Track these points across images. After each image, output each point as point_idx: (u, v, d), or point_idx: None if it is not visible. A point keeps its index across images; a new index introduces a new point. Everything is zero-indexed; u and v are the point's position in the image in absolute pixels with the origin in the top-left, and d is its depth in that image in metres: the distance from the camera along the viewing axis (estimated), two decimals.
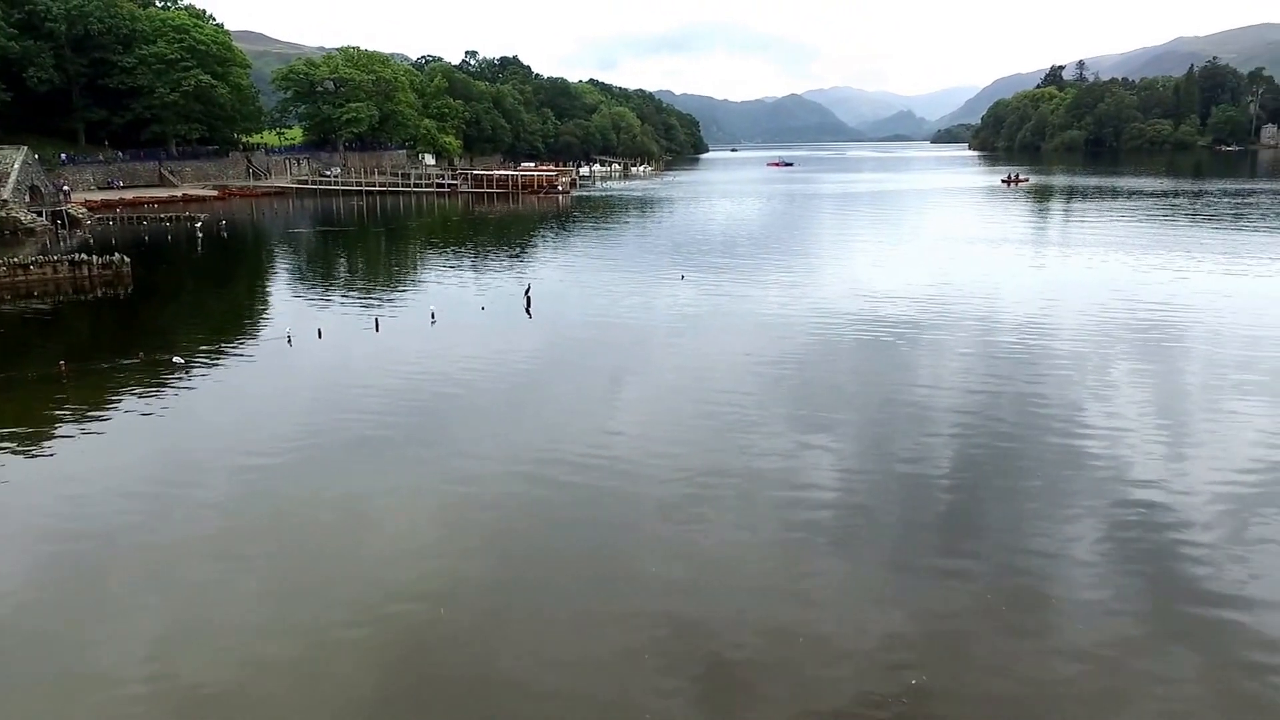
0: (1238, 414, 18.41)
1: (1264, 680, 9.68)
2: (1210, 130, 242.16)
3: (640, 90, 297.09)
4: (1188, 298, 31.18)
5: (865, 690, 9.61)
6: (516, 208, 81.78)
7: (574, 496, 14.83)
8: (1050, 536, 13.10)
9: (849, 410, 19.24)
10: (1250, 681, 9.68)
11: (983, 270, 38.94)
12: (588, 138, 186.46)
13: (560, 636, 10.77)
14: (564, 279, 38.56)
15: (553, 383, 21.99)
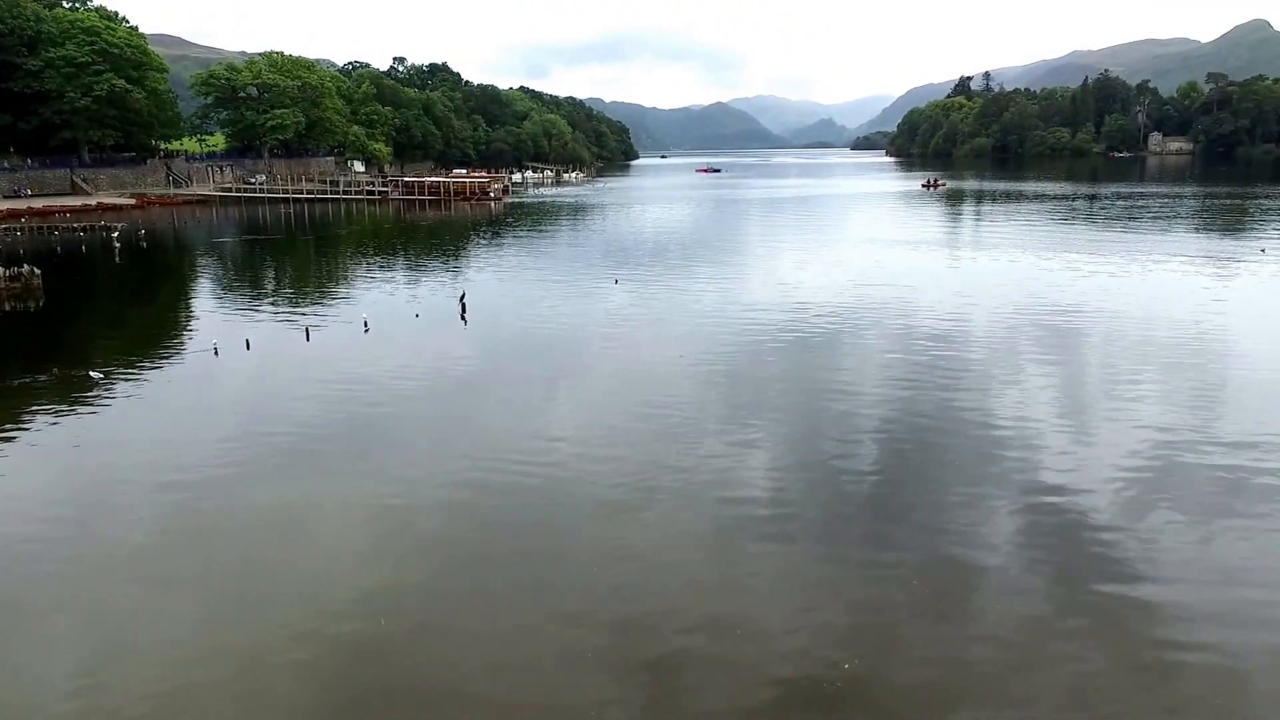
0: (1134, 402, 19.25)
1: (1163, 652, 10.15)
2: (1104, 138, 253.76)
3: (571, 98, 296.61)
4: (1088, 294, 32.44)
5: (801, 678, 9.77)
6: (449, 214, 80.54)
7: (512, 502, 14.62)
8: (969, 523, 13.49)
9: (779, 409, 19.43)
10: (1150, 652, 10.13)
11: (903, 271, 39.82)
12: (519, 145, 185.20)
13: (501, 641, 10.63)
14: (498, 285, 38.08)
15: (489, 389, 21.63)
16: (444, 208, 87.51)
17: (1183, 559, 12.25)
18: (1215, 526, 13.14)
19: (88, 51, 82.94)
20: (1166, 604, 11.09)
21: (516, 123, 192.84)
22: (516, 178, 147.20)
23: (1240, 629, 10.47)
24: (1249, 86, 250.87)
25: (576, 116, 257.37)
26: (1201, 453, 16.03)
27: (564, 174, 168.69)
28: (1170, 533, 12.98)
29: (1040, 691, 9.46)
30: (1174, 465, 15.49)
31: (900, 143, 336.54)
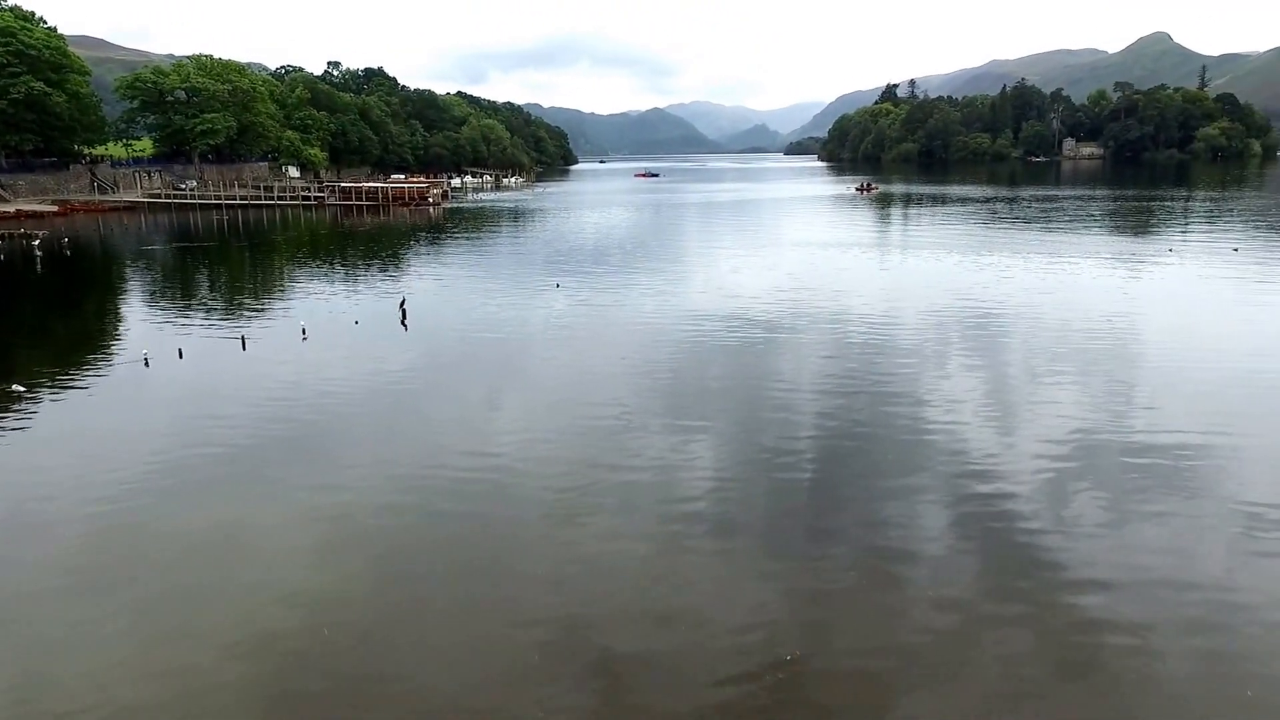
0: (1054, 396, 19.98)
1: (1084, 633, 10.55)
2: (1022, 143, 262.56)
3: (509, 103, 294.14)
4: (1010, 294, 33.50)
5: (744, 668, 9.91)
6: (387, 220, 79.13)
7: (456, 507, 14.48)
8: (903, 515, 13.82)
9: (720, 409, 19.60)
10: (1072, 634, 10.52)
11: (836, 272, 40.56)
12: (458, 150, 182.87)
13: (448, 645, 10.55)
14: (439, 290, 37.57)
15: (431, 394, 21.33)
16: (382, 213, 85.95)
17: (1099, 543, 12.74)
18: (1129, 512, 13.71)
19: (2, 53, 79.03)
20: (1086, 586, 11.53)
21: (455, 128, 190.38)
22: (455, 183, 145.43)
23: (1153, 607, 10.96)
24: (1153, 95, 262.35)
25: (515, 122, 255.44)
26: (1116, 443, 16.72)
27: (503, 179, 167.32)
28: (1088, 519, 13.51)
29: (972, 674, 9.78)
30: (1091, 455, 16.11)
31: (832, 148, 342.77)
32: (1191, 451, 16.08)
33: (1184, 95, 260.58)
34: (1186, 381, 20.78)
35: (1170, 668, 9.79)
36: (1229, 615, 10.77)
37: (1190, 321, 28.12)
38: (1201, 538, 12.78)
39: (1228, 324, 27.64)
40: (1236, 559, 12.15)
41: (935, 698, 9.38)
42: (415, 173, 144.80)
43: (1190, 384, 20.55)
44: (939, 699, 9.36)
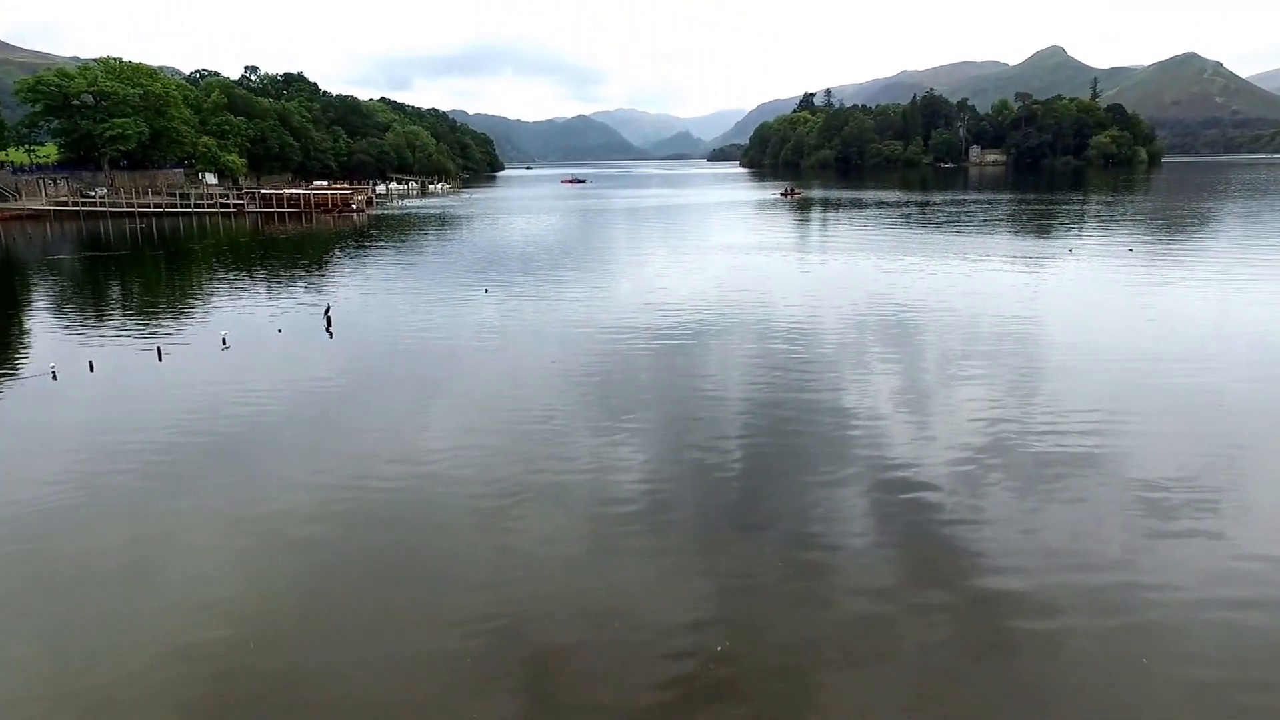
0: (967, 390, 20.66)
1: (1001, 615, 10.93)
2: (932, 150, 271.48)
3: (434, 110, 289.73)
4: (923, 293, 34.52)
5: (677, 661, 9.97)
6: (310, 227, 76.93)
7: (386, 516, 14.13)
8: (827, 508, 14.09)
9: (649, 410, 19.61)
10: (991, 617, 10.89)
11: (760, 275, 41.13)
12: (382, 156, 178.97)
13: (379, 654, 10.29)
14: (365, 297, 36.66)
15: (358, 402, 20.75)
16: (305, 220, 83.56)
17: (1010, 529, 13.21)
18: (1037, 498, 14.26)
19: None
20: (999, 570, 11.95)
21: (379, 134, 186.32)
22: (381, 189, 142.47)
23: (1060, 586, 11.43)
24: (1050, 105, 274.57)
25: (440, 128, 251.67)
26: (1024, 433, 17.37)
27: (429, 185, 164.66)
28: (1000, 506, 14.00)
29: (895, 658, 10.02)
30: (1001, 445, 16.69)
31: (753, 154, 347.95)
32: (1092, 440, 16.80)
33: (1078, 105, 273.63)
34: (1088, 374, 21.70)
35: (1075, 642, 10.21)
36: (1128, 591, 11.30)
37: (1090, 318, 29.41)
38: (1103, 521, 13.35)
39: (1125, 320, 29.01)
40: (1134, 539, 12.76)
41: (860, 681, 9.59)
42: (339, 179, 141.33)
43: (1091, 376, 21.47)
44: (864, 683, 9.58)
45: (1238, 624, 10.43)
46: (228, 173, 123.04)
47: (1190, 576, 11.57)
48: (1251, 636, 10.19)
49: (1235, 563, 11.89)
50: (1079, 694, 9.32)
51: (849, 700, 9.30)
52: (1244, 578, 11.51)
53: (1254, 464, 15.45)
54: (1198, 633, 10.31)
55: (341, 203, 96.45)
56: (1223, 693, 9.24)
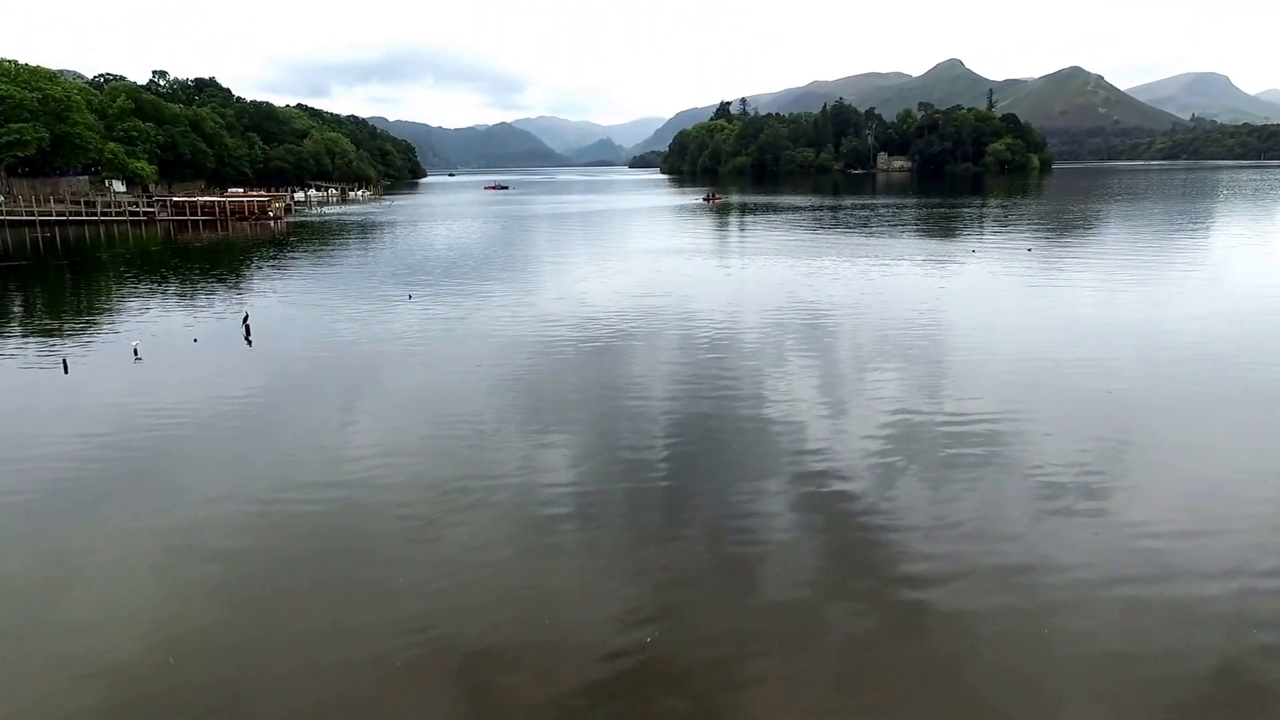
0: (879, 385, 21.29)
1: (915, 597, 11.30)
2: (842, 157, 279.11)
3: (353, 116, 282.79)
4: (837, 294, 35.43)
5: (607, 653, 9.99)
6: (226, 235, 74.04)
7: (311, 527, 13.73)
8: (750, 502, 14.32)
9: (575, 412, 19.59)
10: (906, 600, 11.25)
11: (682, 278, 41.48)
12: (300, 163, 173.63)
13: (307, 665, 10.01)
14: (285, 305, 35.49)
15: (281, 411, 20.08)
16: (220, 228, 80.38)
17: (922, 515, 13.67)
18: (946, 485, 14.80)
19: None
20: (912, 554, 12.36)
21: (296, 141, 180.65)
22: (299, 196, 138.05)
23: (970, 571, 11.89)
24: (950, 114, 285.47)
25: (360, 135, 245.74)
26: (932, 425, 18.00)
27: (350, 192, 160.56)
28: (912, 494, 14.47)
29: (817, 644, 10.25)
30: (912, 437, 17.24)
31: (673, 161, 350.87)
32: (995, 431, 17.52)
33: (976, 115, 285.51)
34: (990, 369, 22.61)
35: (984, 618, 10.65)
36: (1029, 570, 11.84)
37: (992, 315, 30.66)
38: (1006, 506, 13.94)
39: (1024, 315, 30.36)
40: (1034, 522, 13.35)
41: (786, 666, 9.78)
42: (255, 187, 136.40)
43: (993, 371, 22.38)
44: (790, 668, 9.76)
45: (1129, 597, 11.03)
46: (137, 180, 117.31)
47: (1084, 555, 12.17)
48: (1142, 609, 10.78)
49: (1124, 542, 12.57)
50: (989, 665, 9.71)
51: (776, 685, 9.46)
52: (1133, 555, 12.18)
53: (1139, 450, 16.36)
54: (1093, 606, 10.86)
55: (258, 210, 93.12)
56: (1116, 659, 9.76)
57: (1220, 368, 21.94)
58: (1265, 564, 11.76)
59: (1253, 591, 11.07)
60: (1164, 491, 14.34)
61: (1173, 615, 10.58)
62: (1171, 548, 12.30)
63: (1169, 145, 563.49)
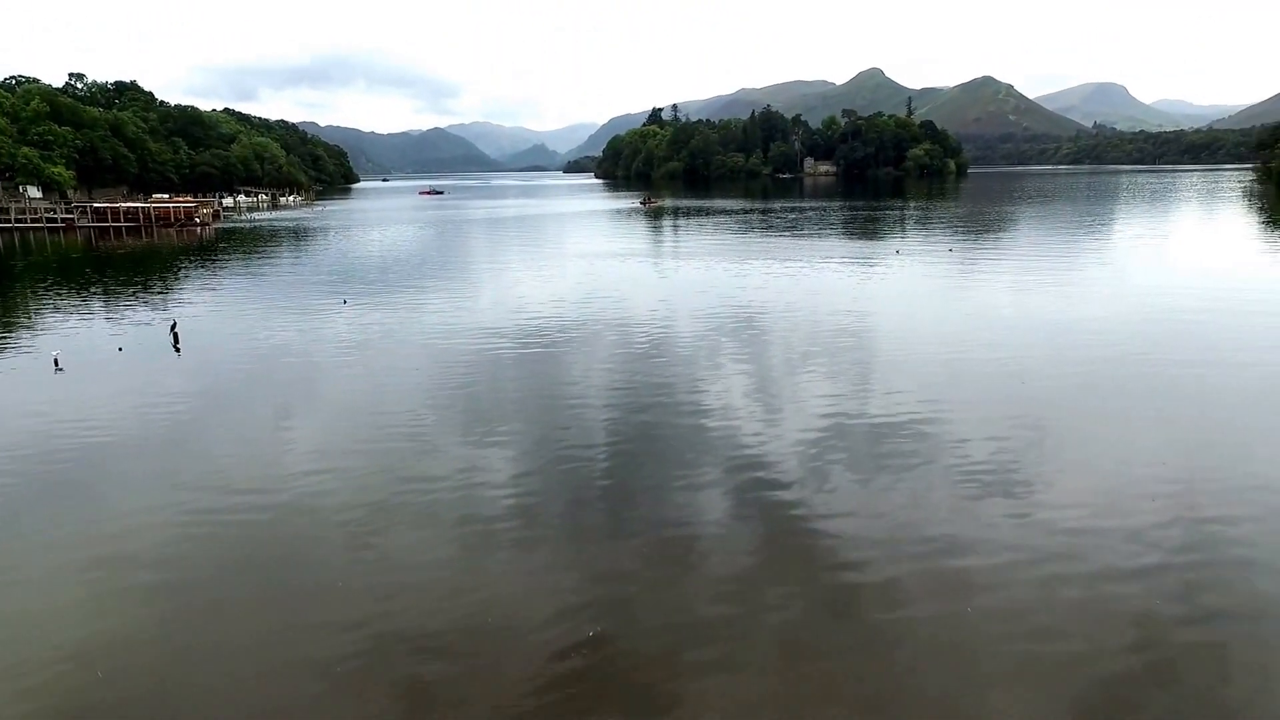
0: (809, 383, 21.71)
1: (848, 584, 11.58)
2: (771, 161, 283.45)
3: (283, 121, 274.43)
4: (768, 294, 35.99)
5: (550, 649, 9.96)
6: (151, 242, 71.07)
7: (248, 536, 13.32)
8: (687, 499, 14.44)
9: (514, 415, 19.46)
10: (839, 587, 11.52)
11: (618, 280, 41.55)
12: (228, 168, 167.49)
13: (245, 676, 9.72)
14: (215, 312, 34.28)
15: (213, 421, 19.39)
16: (145, 235, 77.13)
17: (853, 506, 14.00)
18: (874, 478, 15.18)
19: None
20: (845, 544, 12.65)
21: (224, 146, 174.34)
22: (228, 202, 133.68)
23: (898, 555, 12.24)
24: (872, 121, 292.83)
25: (290, 140, 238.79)
26: (861, 420, 18.44)
27: (281, 198, 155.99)
28: (843, 487, 14.81)
29: (756, 633, 10.39)
30: (842, 432, 17.63)
31: (607, 166, 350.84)
32: (919, 423, 18.05)
33: (896, 122, 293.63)
34: (914, 364, 23.28)
35: (911, 598, 10.98)
36: (953, 552, 12.24)
37: (916, 312, 31.56)
38: (930, 493, 14.38)
39: (945, 313, 31.34)
40: (957, 508, 13.82)
41: (725, 656, 9.89)
42: (181, 193, 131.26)
43: (917, 366, 23.05)
44: (728, 655, 9.88)
45: (1045, 577, 11.50)
46: (54, 186, 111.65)
47: (1004, 538, 12.65)
48: (1057, 585, 11.26)
49: (1040, 525, 13.10)
50: (918, 645, 10.01)
51: (716, 672, 9.57)
52: (1048, 537, 12.71)
53: (1052, 439, 17.07)
54: (1011, 584, 11.30)
55: (185, 216, 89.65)
56: (1035, 636, 10.18)
57: (1123, 361, 23.03)
58: (1168, 542, 12.41)
59: (1157, 567, 11.67)
60: (1075, 477, 14.99)
61: (1085, 592, 11.08)
62: (1082, 529, 12.88)
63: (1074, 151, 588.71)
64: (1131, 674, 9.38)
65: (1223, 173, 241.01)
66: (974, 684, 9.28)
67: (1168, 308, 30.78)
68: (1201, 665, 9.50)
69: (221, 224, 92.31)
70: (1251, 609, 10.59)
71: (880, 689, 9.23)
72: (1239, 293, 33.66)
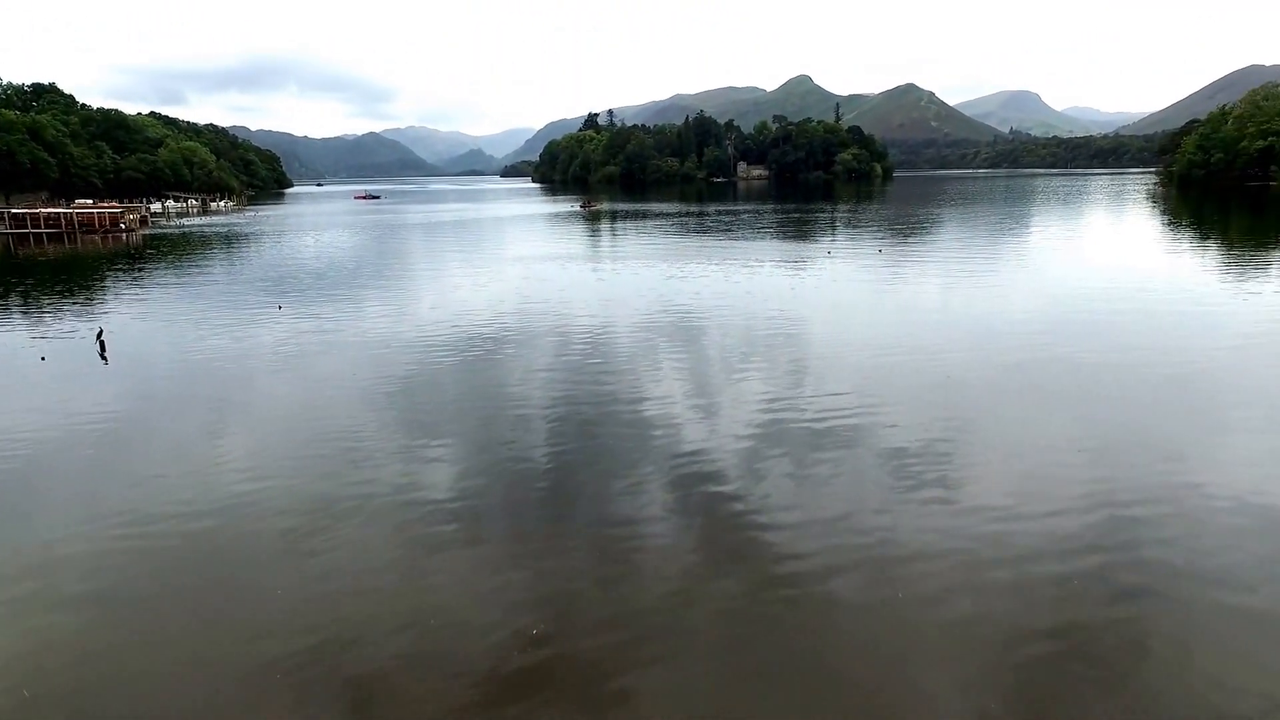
0: (746, 381, 21.95)
1: (786, 577, 11.74)
2: (705, 166, 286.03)
3: (212, 125, 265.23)
4: (704, 295, 36.27)
5: (493, 650, 9.85)
6: (75, 249, 67.78)
7: (184, 548, 12.85)
8: (629, 498, 14.44)
9: (455, 418, 19.18)
10: (778, 580, 11.67)
11: (558, 284, 41.32)
12: (156, 173, 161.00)
13: (176, 687, 9.34)
14: (145, 320, 32.87)
15: (144, 430, 18.59)
16: (68, 242, 73.52)
17: (789, 500, 14.20)
18: (810, 472, 15.43)
19: None
20: (782, 538, 12.82)
21: (150, 150, 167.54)
22: (156, 207, 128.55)
23: (833, 546, 12.48)
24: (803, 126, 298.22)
25: (221, 144, 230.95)
26: (796, 417, 18.71)
27: (211, 203, 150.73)
28: (779, 482, 15.01)
29: (696, 628, 10.45)
30: (778, 429, 17.87)
31: (544, 170, 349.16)
32: (852, 419, 18.40)
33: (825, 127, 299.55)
34: (847, 362, 23.73)
35: (846, 589, 11.19)
36: (885, 542, 12.52)
37: (848, 311, 32.20)
38: (863, 484, 14.68)
39: (875, 311, 32.05)
40: (888, 499, 14.14)
41: (665, 649, 9.94)
42: (106, 198, 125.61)
43: (849, 364, 23.51)
44: (669, 650, 9.92)
45: (972, 561, 11.85)
46: None
47: (933, 525, 12.99)
48: (985, 569, 11.61)
49: (966, 512, 13.50)
50: (852, 630, 10.24)
51: (658, 668, 9.59)
52: (973, 525, 13.10)
53: (978, 430, 17.60)
54: (940, 570, 11.61)
55: (110, 222, 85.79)
56: (962, 621, 10.48)
57: (1042, 355, 23.91)
58: (1087, 525, 12.92)
59: (1077, 550, 12.13)
60: (999, 466, 15.48)
61: (1011, 575, 11.45)
62: (1006, 515, 13.31)
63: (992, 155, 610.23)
64: (1055, 651, 9.72)
65: (1129, 176, 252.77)
66: (907, 668, 9.50)
67: (1082, 305, 32.06)
68: (1119, 639, 9.91)
69: (149, 230, 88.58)
70: (1164, 585, 11.10)
71: (817, 678, 9.37)
72: (1145, 290, 35.30)
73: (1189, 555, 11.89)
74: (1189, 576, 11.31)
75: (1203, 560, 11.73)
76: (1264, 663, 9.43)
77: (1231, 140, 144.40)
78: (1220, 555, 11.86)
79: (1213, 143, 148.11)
